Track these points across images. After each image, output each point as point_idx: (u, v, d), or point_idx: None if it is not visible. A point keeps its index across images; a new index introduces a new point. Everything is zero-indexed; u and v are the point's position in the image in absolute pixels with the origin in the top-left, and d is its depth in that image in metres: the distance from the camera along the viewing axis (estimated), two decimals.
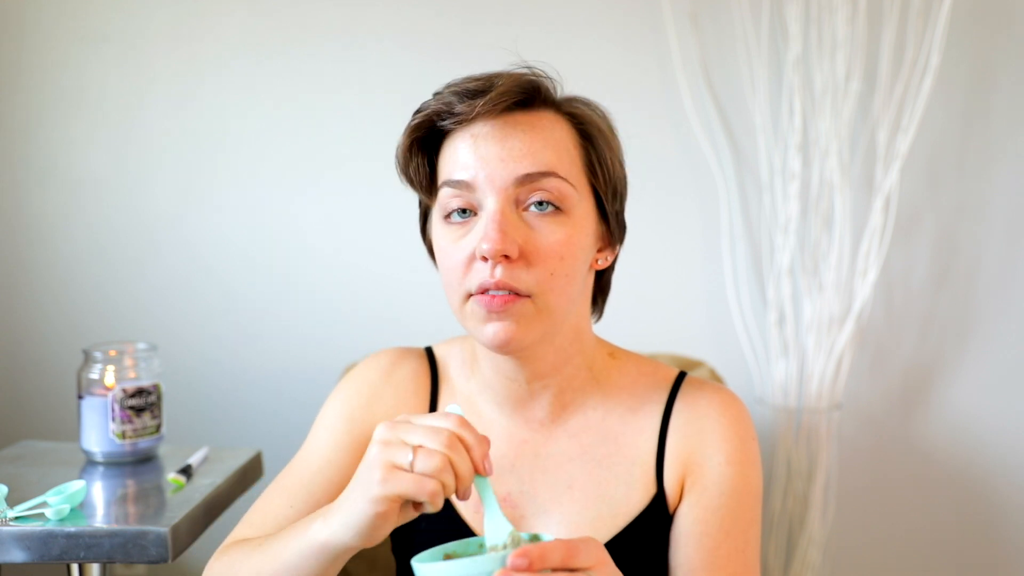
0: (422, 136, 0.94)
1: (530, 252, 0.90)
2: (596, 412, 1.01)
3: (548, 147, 0.91)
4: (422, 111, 0.93)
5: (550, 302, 0.91)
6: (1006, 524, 1.88)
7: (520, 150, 0.90)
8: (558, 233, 0.91)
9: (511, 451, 1.00)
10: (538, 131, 0.92)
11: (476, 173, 0.90)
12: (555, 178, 0.91)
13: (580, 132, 0.95)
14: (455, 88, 0.92)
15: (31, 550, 1.14)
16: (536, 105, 0.93)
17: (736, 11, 1.77)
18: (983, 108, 1.81)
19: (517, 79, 0.91)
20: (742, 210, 1.84)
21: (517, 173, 0.90)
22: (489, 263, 0.89)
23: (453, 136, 0.93)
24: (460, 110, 0.90)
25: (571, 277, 0.92)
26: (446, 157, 0.93)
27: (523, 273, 0.89)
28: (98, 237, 1.87)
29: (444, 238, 0.94)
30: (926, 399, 1.87)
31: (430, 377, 1.06)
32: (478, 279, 0.90)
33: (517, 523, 0.99)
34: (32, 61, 1.84)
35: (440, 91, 0.94)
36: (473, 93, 0.90)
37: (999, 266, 1.84)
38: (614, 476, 0.98)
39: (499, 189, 0.90)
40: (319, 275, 1.87)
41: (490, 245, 0.87)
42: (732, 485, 0.97)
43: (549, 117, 0.93)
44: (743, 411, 1.01)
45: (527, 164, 0.90)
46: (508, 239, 0.88)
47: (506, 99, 0.90)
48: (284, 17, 1.82)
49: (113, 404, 1.38)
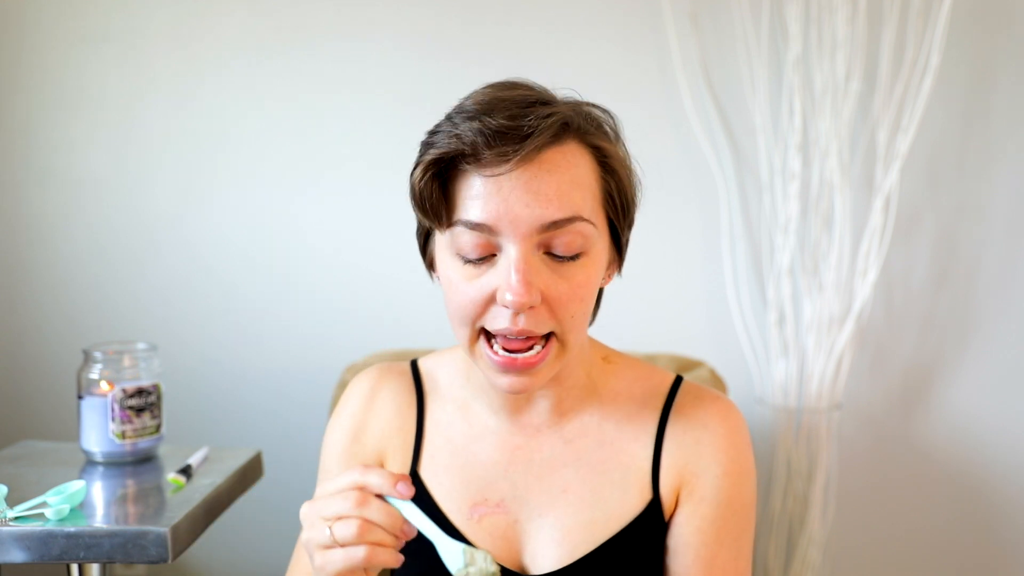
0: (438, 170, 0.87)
1: (553, 299, 0.87)
2: (592, 418, 1.00)
3: (574, 189, 0.86)
4: (437, 146, 0.85)
5: (569, 340, 0.90)
6: (1006, 524, 1.88)
7: (546, 195, 0.84)
8: (579, 276, 0.88)
9: (504, 456, 0.99)
10: (564, 171, 0.86)
11: (499, 216, 0.84)
12: (580, 221, 0.86)
13: (602, 165, 0.90)
14: (479, 125, 0.83)
15: (31, 550, 1.14)
16: (564, 139, 0.87)
17: (736, 11, 1.77)
18: (983, 108, 1.81)
19: (552, 122, 0.84)
20: (742, 210, 1.84)
21: (544, 220, 0.84)
22: (510, 310, 0.86)
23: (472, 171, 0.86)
24: (488, 157, 0.83)
25: (588, 313, 0.91)
26: (464, 193, 0.86)
27: (545, 318, 0.87)
28: (98, 237, 1.87)
29: (455, 272, 0.88)
30: (926, 399, 1.87)
31: (415, 392, 1.05)
32: (498, 324, 0.86)
33: (511, 528, 0.98)
34: (32, 61, 1.84)
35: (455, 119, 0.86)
36: (501, 136, 0.83)
37: (999, 266, 1.84)
38: (609, 482, 0.98)
39: (523, 235, 0.84)
40: (319, 275, 1.87)
41: (516, 298, 0.84)
42: (728, 497, 0.97)
43: (573, 151, 0.87)
44: (739, 420, 1.00)
45: (554, 210, 0.84)
46: (534, 290, 0.84)
47: (540, 150, 0.84)
48: (284, 17, 1.82)
49: (113, 404, 1.38)
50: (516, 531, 0.98)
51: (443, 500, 1.00)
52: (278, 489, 1.84)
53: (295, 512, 2.00)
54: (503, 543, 0.98)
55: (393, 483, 0.79)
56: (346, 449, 1.05)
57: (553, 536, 0.97)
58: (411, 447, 1.03)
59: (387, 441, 1.04)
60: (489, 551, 0.97)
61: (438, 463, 1.01)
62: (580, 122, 0.88)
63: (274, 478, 1.78)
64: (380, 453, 1.04)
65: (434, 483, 1.01)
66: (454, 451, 1.01)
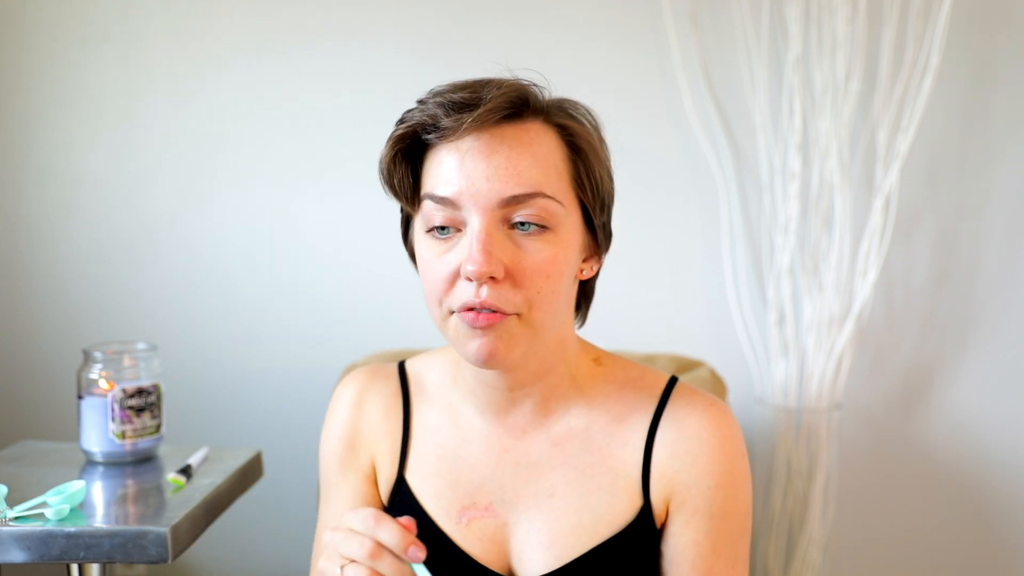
0: (405, 147, 0.91)
1: (516, 272, 0.87)
2: (580, 421, 0.99)
3: (535, 165, 0.88)
4: (405, 122, 0.90)
5: (535, 319, 0.90)
6: (1006, 524, 1.88)
7: (507, 169, 0.87)
8: (544, 252, 0.88)
9: (492, 460, 0.99)
10: (525, 147, 0.88)
11: (461, 190, 0.87)
12: (542, 198, 0.88)
13: (568, 145, 0.91)
14: (441, 99, 0.88)
15: (31, 550, 1.14)
16: (525, 116, 0.89)
17: (736, 11, 1.77)
18: (983, 108, 1.81)
19: (507, 92, 0.87)
20: (742, 210, 1.84)
21: (503, 194, 0.87)
22: (474, 284, 0.87)
23: (437, 148, 0.89)
24: (446, 125, 0.86)
25: (557, 293, 0.90)
26: (430, 169, 0.90)
27: (509, 293, 0.87)
28: (98, 237, 1.87)
29: (427, 251, 0.91)
30: (926, 399, 1.87)
31: (401, 395, 1.05)
32: (462, 298, 0.88)
33: (499, 531, 0.98)
34: (32, 61, 1.84)
35: (425, 99, 0.90)
36: (460, 106, 0.86)
37: (999, 266, 1.84)
38: (597, 486, 0.97)
39: (484, 208, 0.87)
40: (319, 275, 1.87)
41: (475, 267, 0.85)
42: (723, 508, 0.96)
43: (537, 129, 0.90)
44: (733, 428, 0.99)
45: (513, 185, 0.87)
46: (494, 260, 0.86)
47: (495, 115, 0.87)
48: (284, 17, 1.82)
49: (113, 404, 1.38)
50: (504, 534, 0.98)
51: (430, 504, 1.00)
52: (278, 489, 1.84)
53: (295, 512, 2.01)
54: (491, 546, 0.98)
55: (405, 546, 0.80)
56: (341, 458, 1.05)
57: (541, 540, 0.96)
58: (398, 451, 1.03)
59: (377, 446, 1.04)
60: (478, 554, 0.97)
61: (425, 467, 1.01)
62: (545, 103, 0.91)
63: (274, 478, 1.78)
64: (373, 458, 1.05)
65: (421, 487, 1.01)
66: (442, 454, 1.01)
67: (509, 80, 0.91)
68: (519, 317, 0.89)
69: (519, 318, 0.89)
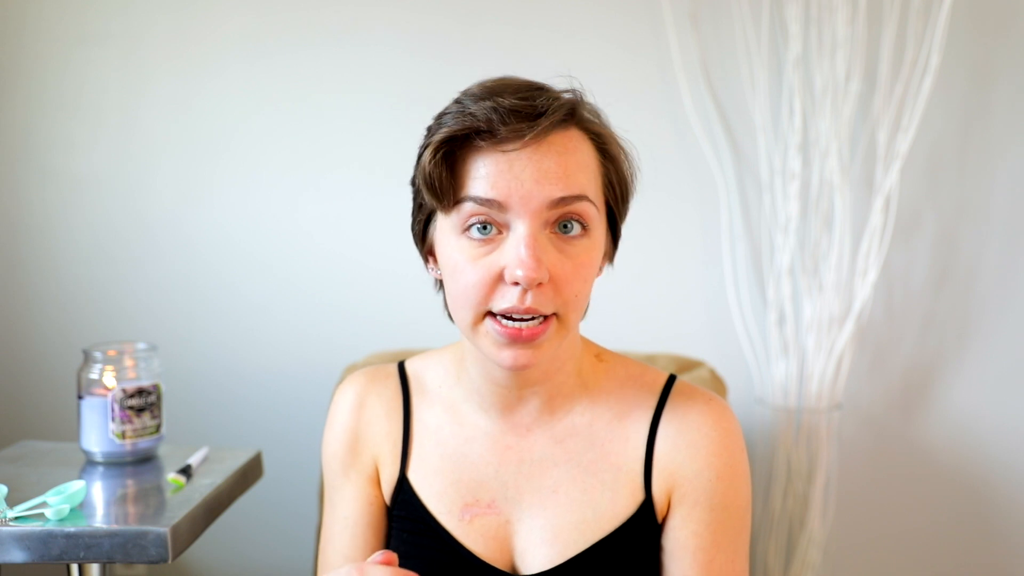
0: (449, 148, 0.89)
1: (559, 276, 0.88)
2: (583, 417, 1.00)
3: (580, 169, 0.89)
4: (450, 125, 0.88)
5: (570, 321, 0.91)
6: (1006, 524, 1.88)
7: (555, 172, 0.88)
8: (583, 256, 0.90)
9: (495, 457, 1.00)
10: (571, 153, 0.89)
11: (510, 193, 0.87)
12: (586, 201, 0.89)
13: (600, 151, 0.93)
14: (493, 103, 0.87)
15: (31, 550, 1.14)
16: (569, 125, 0.91)
17: (736, 11, 1.77)
18: (983, 108, 1.81)
19: (564, 104, 0.89)
20: (742, 210, 1.84)
21: (553, 196, 0.87)
22: (519, 288, 0.87)
23: (484, 149, 0.88)
24: (504, 134, 0.86)
25: (587, 295, 0.93)
26: (475, 170, 0.88)
27: (551, 297, 0.88)
28: (98, 237, 1.87)
29: (460, 252, 0.90)
30: (926, 399, 1.87)
31: (402, 395, 1.06)
32: (505, 302, 0.88)
33: (502, 528, 0.98)
34: (32, 61, 1.84)
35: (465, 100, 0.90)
36: (518, 115, 0.86)
37: (999, 266, 1.84)
38: (600, 482, 0.98)
39: (533, 212, 0.87)
40: (319, 275, 1.87)
41: (525, 272, 0.85)
42: (723, 500, 0.97)
43: (577, 136, 0.91)
44: (733, 422, 1.00)
45: (562, 187, 0.87)
46: (542, 266, 0.86)
47: (551, 129, 0.88)
48: (284, 17, 1.82)
49: (113, 404, 1.38)
50: (507, 531, 0.99)
51: (432, 502, 1.00)
52: (278, 489, 1.84)
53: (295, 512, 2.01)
54: (494, 543, 0.98)
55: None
56: (344, 461, 1.06)
57: (544, 536, 0.97)
58: (399, 451, 1.03)
59: (378, 447, 1.05)
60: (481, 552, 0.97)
61: (428, 465, 1.02)
62: (583, 111, 0.93)
63: (274, 478, 1.78)
64: (375, 459, 1.05)
65: (423, 486, 1.01)
66: (444, 453, 1.01)
67: (558, 90, 0.92)
68: (556, 319, 0.90)
69: (556, 320, 0.90)
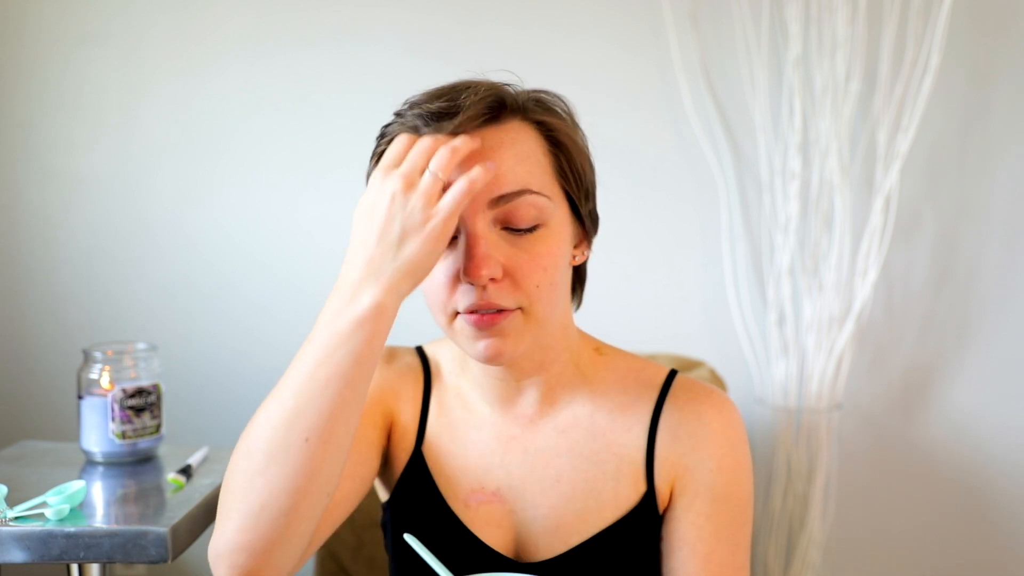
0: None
1: (514, 269, 0.89)
2: (584, 408, 1.01)
3: (519, 163, 0.89)
4: (386, 136, 0.92)
5: (538, 312, 0.91)
6: (1006, 524, 1.88)
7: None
8: (539, 247, 0.90)
9: (500, 447, 1.01)
10: (507, 147, 0.89)
11: None
12: (530, 194, 0.89)
13: (548, 139, 0.93)
14: (419, 110, 0.89)
15: (31, 550, 1.14)
16: (503, 117, 0.91)
17: (736, 11, 1.77)
18: (983, 108, 1.81)
19: (483, 97, 0.89)
20: (742, 210, 1.84)
21: (492, 195, 0.88)
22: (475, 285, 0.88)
23: None
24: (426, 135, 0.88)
25: (555, 284, 0.92)
26: None
27: (510, 291, 0.89)
28: (98, 237, 1.87)
29: None
30: (926, 399, 1.87)
31: (423, 373, 1.07)
32: (465, 300, 0.89)
33: (506, 517, 0.99)
34: (32, 61, 1.84)
35: (402, 111, 0.92)
36: (438, 116, 0.88)
37: (999, 266, 1.84)
38: (602, 472, 0.99)
39: (474, 212, 0.88)
40: (319, 275, 1.87)
41: (473, 272, 0.87)
42: (724, 491, 0.97)
43: (516, 127, 0.91)
44: (734, 414, 1.00)
45: (500, 185, 0.88)
46: (491, 262, 0.87)
47: (474, 122, 0.88)
48: (284, 17, 1.82)
49: (113, 404, 1.38)
50: (511, 520, 0.99)
51: (442, 483, 1.01)
52: None
53: None
54: (498, 531, 0.99)
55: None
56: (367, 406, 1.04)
57: (546, 526, 0.98)
58: (416, 421, 1.04)
59: (400, 404, 1.05)
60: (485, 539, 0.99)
61: (440, 446, 1.03)
62: (522, 101, 0.93)
63: None
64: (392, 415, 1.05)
65: (434, 465, 1.02)
66: (454, 437, 1.03)
67: (484, 83, 0.92)
68: (522, 311, 0.90)
69: (522, 312, 0.90)
